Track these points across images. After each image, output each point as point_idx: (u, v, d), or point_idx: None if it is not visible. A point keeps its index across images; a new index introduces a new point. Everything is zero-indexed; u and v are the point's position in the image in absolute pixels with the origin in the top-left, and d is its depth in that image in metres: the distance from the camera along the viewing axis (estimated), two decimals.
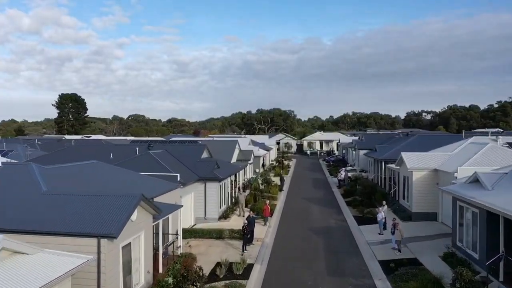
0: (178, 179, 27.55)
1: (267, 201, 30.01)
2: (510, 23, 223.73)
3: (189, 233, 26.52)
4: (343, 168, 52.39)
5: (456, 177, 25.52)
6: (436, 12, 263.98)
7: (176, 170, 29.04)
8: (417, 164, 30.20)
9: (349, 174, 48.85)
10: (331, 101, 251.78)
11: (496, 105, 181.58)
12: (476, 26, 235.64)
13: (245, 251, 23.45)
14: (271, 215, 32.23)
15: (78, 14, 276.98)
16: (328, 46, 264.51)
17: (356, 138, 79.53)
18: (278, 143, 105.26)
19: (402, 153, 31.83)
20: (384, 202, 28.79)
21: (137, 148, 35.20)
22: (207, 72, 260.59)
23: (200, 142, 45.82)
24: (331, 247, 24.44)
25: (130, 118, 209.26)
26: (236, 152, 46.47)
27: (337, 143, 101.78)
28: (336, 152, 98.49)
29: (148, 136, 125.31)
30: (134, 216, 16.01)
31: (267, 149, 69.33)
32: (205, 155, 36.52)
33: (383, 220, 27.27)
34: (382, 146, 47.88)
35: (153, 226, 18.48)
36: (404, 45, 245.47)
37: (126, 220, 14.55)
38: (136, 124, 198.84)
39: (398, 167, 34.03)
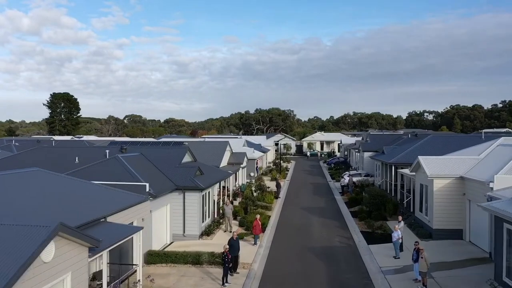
0: (148, 189, 22.30)
1: (258, 216, 24.65)
2: (510, 23, 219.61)
3: (159, 258, 21.19)
4: (347, 172, 47.06)
5: (492, 188, 20.22)
6: (436, 12, 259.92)
7: (148, 178, 23.80)
8: (439, 170, 24.88)
9: (354, 179, 43.52)
10: (332, 101, 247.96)
11: (500, 105, 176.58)
12: (476, 26, 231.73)
13: (226, 284, 18.18)
14: (264, 230, 26.97)
15: (78, 15, 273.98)
16: (328, 46, 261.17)
17: (359, 138, 74.18)
18: (276, 144, 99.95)
19: (419, 157, 26.48)
20: (400, 218, 23.43)
21: (108, 151, 29.93)
22: (207, 73, 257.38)
23: (186, 143, 40.54)
24: (336, 278, 19.10)
25: (126, 119, 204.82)
26: (227, 154, 41.17)
27: (338, 144, 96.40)
28: (338, 154, 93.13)
29: (144, 137, 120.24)
30: (48, 256, 10.75)
31: (264, 150, 64.03)
32: (187, 159, 31.23)
33: (400, 240, 21.97)
34: (390, 148, 42.55)
35: (89, 262, 13.22)
36: (404, 45, 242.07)
37: (20, 271, 9.26)
38: (133, 124, 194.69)
39: (413, 173, 28.70)
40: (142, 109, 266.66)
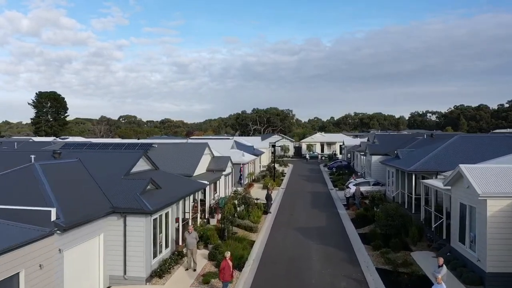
0: (54, 217, 14.39)
1: (228, 255, 16.55)
2: (510, 24, 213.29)
3: None
4: (352, 180, 38.98)
5: None
6: (436, 13, 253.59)
7: (70, 198, 16.01)
8: (494, 186, 16.85)
9: (362, 189, 35.46)
10: (332, 102, 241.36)
11: (507, 105, 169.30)
12: (476, 26, 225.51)
13: None
14: (242, 267, 19.03)
15: (77, 16, 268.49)
16: (328, 47, 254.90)
17: (364, 140, 66.20)
18: (273, 146, 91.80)
19: (461, 166, 18.40)
20: (440, 261, 15.28)
21: (33, 156, 21.92)
22: (207, 74, 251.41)
23: (155, 145, 32.60)
24: None
25: (121, 119, 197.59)
26: (205, 159, 33.15)
27: (340, 145, 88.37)
28: (340, 156, 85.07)
29: (138, 138, 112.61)
30: None
31: (257, 153, 55.99)
32: (142, 167, 23.24)
33: None
34: (405, 151, 34.48)
35: None
36: (404, 46, 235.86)
37: None
38: (127, 125, 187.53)
39: (448, 188, 20.66)
40: (142, 110, 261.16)
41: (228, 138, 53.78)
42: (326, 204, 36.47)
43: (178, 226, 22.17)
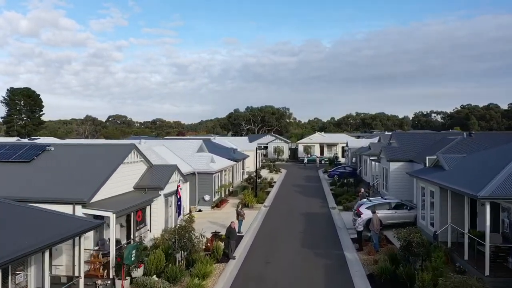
0: None
1: None
2: (509, 24, 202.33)
3: None
4: (364, 201, 25.79)
5: None
6: (436, 13, 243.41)
7: None
8: None
9: (379, 213, 22.41)
10: (332, 103, 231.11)
11: None
12: (476, 28, 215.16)
13: None
14: None
15: (76, 16, 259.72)
16: (328, 48, 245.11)
17: (372, 140, 53.23)
18: (265, 148, 78.84)
19: None
20: None
21: None
22: (207, 75, 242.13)
23: (51, 149, 19.88)
24: None
25: (110, 119, 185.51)
26: (133, 171, 20.24)
27: (343, 147, 75.44)
28: (342, 160, 72.07)
29: (125, 138, 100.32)
30: None
31: (237, 158, 42.88)
32: None
33: None
34: (453, 158, 21.52)
35: None
36: (404, 47, 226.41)
37: None
38: (117, 125, 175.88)
39: None
40: (142, 111, 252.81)
41: (200, 139, 40.94)
42: (325, 238, 23.51)
43: None
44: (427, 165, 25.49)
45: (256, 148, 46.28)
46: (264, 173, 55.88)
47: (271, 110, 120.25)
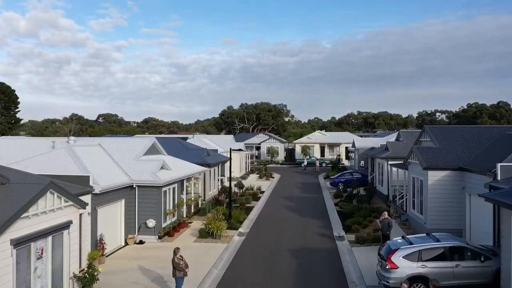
0: None
1: None
2: (510, 24, 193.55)
3: None
4: (397, 242, 14.93)
5: None
6: (436, 13, 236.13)
7: None
8: None
9: (429, 266, 11.60)
10: (332, 104, 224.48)
11: None
12: (476, 28, 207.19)
13: None
14: None
15: (75, 17, 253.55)
16: (328, 48, 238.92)
17: (382, 139, 42.36)
18: (257, 148, 67.90)
19: None
20: None
21: None
22: (206, 75, 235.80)
23: None
24: None
25: (100, 119, 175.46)
26: None
27: (347, 147, 64.51)
28: (345, 163, 60.97)
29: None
30: None
31: (209, 163, 31.76)
32: None
33: None
34: None
35: None
36: (404, 47, 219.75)
37: None
38: (107, 125, 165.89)
39: None
40: (142, 111, 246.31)
41: (159, 137, 29.99)
42: None
43: None
44: (499, 178, 14.91)
45: (234, 150, 35.35)
46: (252, 180, 44.94)
47: (267, 107, 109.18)
